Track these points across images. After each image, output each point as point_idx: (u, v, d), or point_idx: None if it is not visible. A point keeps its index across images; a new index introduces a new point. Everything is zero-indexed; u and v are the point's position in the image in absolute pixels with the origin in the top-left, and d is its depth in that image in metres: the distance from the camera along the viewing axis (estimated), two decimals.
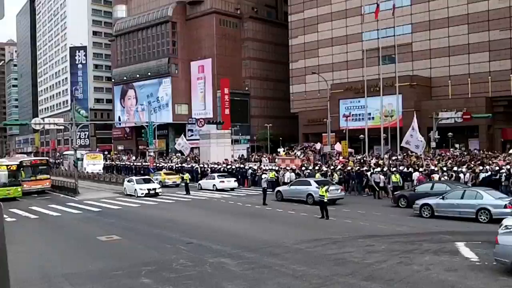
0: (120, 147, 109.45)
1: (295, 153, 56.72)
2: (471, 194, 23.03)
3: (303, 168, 41.74)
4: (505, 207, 21.50)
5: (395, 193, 29.88)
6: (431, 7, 72.86)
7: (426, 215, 23.69)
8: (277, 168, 44.01)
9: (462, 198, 23.09)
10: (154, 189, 37.24)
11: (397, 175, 32.10)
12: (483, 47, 68.87)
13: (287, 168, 42.47)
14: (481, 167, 33.58)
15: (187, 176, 41.70)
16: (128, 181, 40.10)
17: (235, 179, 43.00)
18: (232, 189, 41.00)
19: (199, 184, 43.52)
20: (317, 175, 36.58)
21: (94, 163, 65.68)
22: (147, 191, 36.68)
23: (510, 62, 67.23)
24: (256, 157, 61.97)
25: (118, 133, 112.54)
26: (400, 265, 14.19)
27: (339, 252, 16.14)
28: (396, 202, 28.44)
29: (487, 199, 22.20)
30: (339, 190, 30.99)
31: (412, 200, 25.77)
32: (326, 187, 24.67)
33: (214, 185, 41.12)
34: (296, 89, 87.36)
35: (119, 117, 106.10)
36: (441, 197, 23.75)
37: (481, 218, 22.05)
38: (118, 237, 20.47)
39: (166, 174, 48.73)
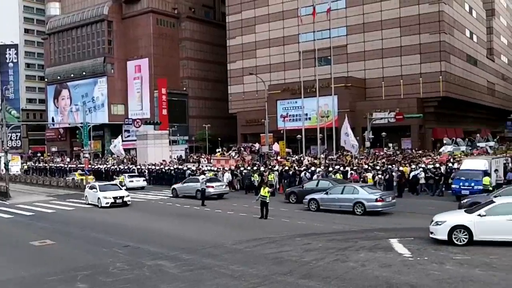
0: (53, 149, 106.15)
1: (230, 153, 56.82)
2: (349, 189, 25.52)
3: (242, 168, 41.87)
4: (376, 200, 24.18)
5: (287, 189, 32.30)
6: (365, 10, 74.73)
7: (313, 208, 26.06)
8: (215, 169, 43.97)
9: (342, 193, 25.52)
10: (122, 197, 30.91)
11: (340, 175, 32.66)
12: (414, 49, 71.29)
13: (226, 168, 42.52)
14: (413, 166, 34.88)
15: (122, 178, 41.28)
16: (90, 187, 33.90)
17: (144, 178, 45.94)
18: (142, 188, 42.96)
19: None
20: (255, 175, 36.80)
21: (12, 165, 63.66)
22: (112, 200, 30.44)
23: (440, 64, 69.95)
24: (195, 158, 61.69)
25: (52, 134, 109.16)
26: (336, 263, 14.49)
27: (277, 251, 16.31)
28: (287, 198, 30.79)
29: (362, 194, 24.73)
30: (224, 186, 35.41)
31: (301, 196, 28.08)
32: (267, 188, 24.88)
33: (124, 184, 41.99)
34: (234, 90, 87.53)
35: (53, 118, 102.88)
36: (325, 192, 26.34)
37: (357, 211, 24.50)
38: (52, 241, 19.88)
39: (81, 174, 48.63)
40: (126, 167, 54.24)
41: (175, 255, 16.40)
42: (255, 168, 41.34)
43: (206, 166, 48.49)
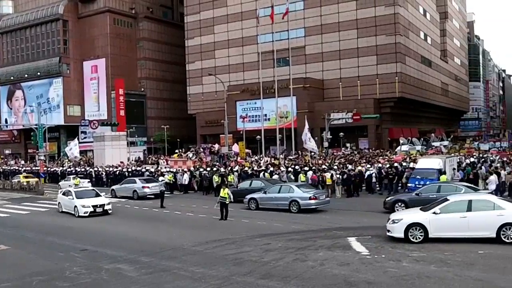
0: (7, 151, 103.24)
1: (187, 154, 56.55)
2: (286, 189, 26.80)
3: (201, 170, 41.69)
4: (310, 198, 25.53)
5: None
6: (323, 12, 75.58)
7: (253, 207, 27.10)
8: (175, 170, 43.67)
9: (279, 192, 26.78)
10: (102, 205, 27.32)
11: (304, 175, 32.83)
12: (371, 51, 72.51)
13: (185, 170, 42.29)
14: (368, 165, 35.46)
15: (78, 180, 40.55)
16: (64, 193, 29.66)
17: (88, 180, 45.82)
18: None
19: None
20: (214, 176, 36.72)
21: None
22: (92, 209, 26.85)
23: (395, 66, 71.37)
24: (153, 159, 61.14)
25: (5, 136, 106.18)
26: (296, 262, 14.62)
27: (237, 252, 16.34)
28: None
29: (297, 193, 25.93)
30: (160, 186, 34.65)
31: (236, 195, 27.86)
32: (227, 189, 24.88)
33: (70, 185, 42.12)
34: (193, 90, 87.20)
35: (6, 119, 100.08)
36: (263, 192, 27.52)
37: (293, 209, 25.62)
38: (6, 246, 19.36)
39: (26, 177, 48.17)
40: (82, 169, 53.30)
41: (134, 258, 16.24)
42: (214, 169, 41.24)
43: (165, 167, 48.11)
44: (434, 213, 16.53)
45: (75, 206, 27.32)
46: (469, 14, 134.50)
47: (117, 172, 47.78)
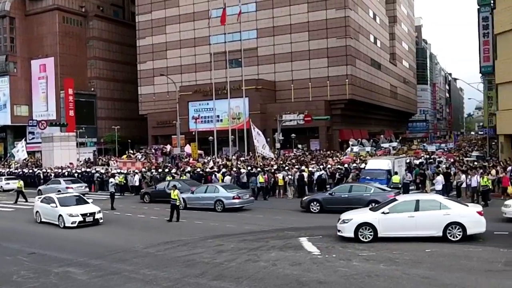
0: None
1: (136, 156, 55.89)
2: (211, 189, 27.96)
3: (153, 171, 41.27)
4: (233, 198, 26.71)
5: (141, 190, 35.24)
6: (274, 14, 76.09)
7: (181, 207, 26.28)
8: (125, 171, 43.07)
9: (205, 192, 27.94)
10: (93, 214, 23.57)
11: (263, 176, 32.83)
12: (322, 53, 73.48)
13: (136, 171, 41.78)
14: (321, 166, 35.92)
15: (20, 183, 39.08)
16: (44, 200, 25.32)
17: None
18: None
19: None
20: (168, 177, 36.41)
21: None
22: (81, 219, 23.03)
23: (346, 68, 72.55)
24: (104, 160, 60.13)
25: None
26: (248, 263, 14.68)
27: (189, 254, 16.27)
28: (142, 198, 33.45)
29: (221, 192, 27.14)
30: (84, 187, 37.26)
31: (154, 196, 30.79)
32: (176, 190, 24.70)
33: (1, 186, 44.29)
34: (144, 91, 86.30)
35: None
36: (191, 192, 28.60)
37: (218, 208, 26.78)
38: None
39: None
40: (30, 171, 51.88)
41: (83, 261, 15.93)
42: (166, 170, 40.89)
43: (116, 169, 47.38)
44: (383, 213, 16.92)
45: (60, 216, 23.26)
46: (417, 19, 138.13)
47: (66, 174, 46.69)
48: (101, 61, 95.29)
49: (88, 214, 23.32)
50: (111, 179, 36.02)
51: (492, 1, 45.21)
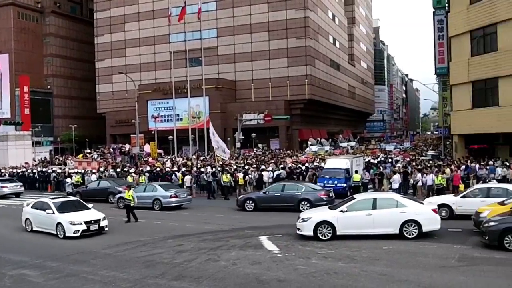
0: None
1: (92, 155, 55.02)
2: (150, 188, 28.48)
3: (111, 170, 40.73)
4: (171, 197, 27.28)
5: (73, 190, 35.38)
6: (235, 13, 76.11)
7: (121, 206, 27.45)
8: (83, 171, 42.34)
9: (144, 191, 28.13)
10: (97, 221, 20.45)
11: (228, 175, 32.72)
12: (282, 53, 73.92)
13: (94, 171, 41.15)
14: (281, 166, 36.15)
15: None
16: (36, 206, 21.89)
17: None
18: None
19: None
20: (129, 177, 35.93)
21: None
22: (85, 227, 19.90)
23: (305, 68, 73.17)
24: (61, 160, 58.94)
25: None
26: (208, 262, 14.69)
27: (148, 254, 16.15)
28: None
29: (159, 191, 27.69)
30: (19, 186, 37.55)
31: (85, 195, 30.79)
32: (131, 191, 24.44)
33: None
34: (102, 89, 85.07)
35: None
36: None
37: (155, 207, 27.27)
38: None
39: None
40: None
41: (39, 263, 15.62)
42: (125, 169, 40.41)
43: (72, 168, 46.51)
44: (341, 211, 17.17)
45: (59, 224, 20.11)
46: (375, 20, 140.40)
47: (20, 174, 45.60)
48: (58, 58, 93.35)
49: (92, 222, 20.23)
50: (68, 179, 35.48)
51: (447, 5, 46.32)
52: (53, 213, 20.48)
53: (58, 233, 20.09)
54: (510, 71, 31.77)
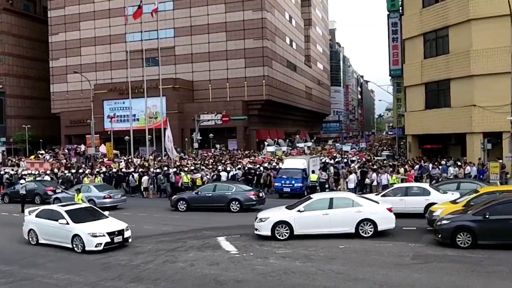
0: None
1: (44, 156, 53.90)
2: (85, 189, 28.34)
3: (65, 171, 39.97)
4: (104, 197, 27.98)
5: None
6: (192, 13, 75.84)
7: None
8: (36, 172, 41.42)
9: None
10: (121, 231, 17.50)
11: (188, 176, 32.49)
12: (240, 54, 74.06)
13: (48, 172, 40.33)
14: (238, 166, 36.24)
15: None
16: (44, 215, 18.66)
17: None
18: None
19: None
20: (86, 179, 35.29)
21: None
22: (108, 239, 16.91)
23: (263, 69, 73.51)
24: (14, 161, 57.45)
25: None
26: (166, 264, 14.63)
27: (105, 257, 15.95)
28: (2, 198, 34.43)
29: (93, 192, 28.30)
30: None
31: (12, 197, 32.42)
32: (81, 194, 24.05)
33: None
34: (57, 89, 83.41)
35: None
36: (65, 192, 29.38)
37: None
38: None
39: None
40: None
41: None
42: (80, 171, 39.71)
43: (25, 169, 45.41)
44: (298, 211, 17.36)
45: (76, 236, 17.01)
46: (331, 22, 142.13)
47: None
48: (10, 57, 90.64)
49: (116, 233, 17.31)
50: (21, 181, 34.61)
51: (401, 8, 47.34)
52: (67, 223, 17.39)
53: (75, 246, 17.04)
54: (461, 73, 32.79)
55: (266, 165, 37.31)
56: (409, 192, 21.84)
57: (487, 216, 14.77)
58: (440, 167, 30.79)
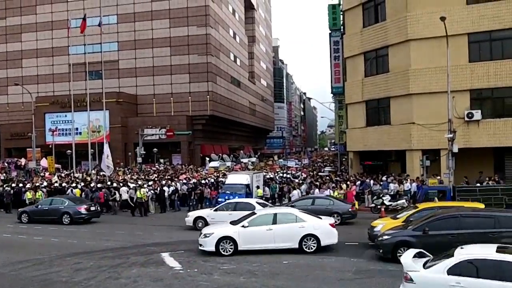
0: None
1: None
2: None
3: (5, 186, 38.63)
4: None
5: None
6: (136, 27, 75.46)
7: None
8: None
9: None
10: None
11: (142, 191, 31.99)
12: (184, 69, 74.10)
13: None
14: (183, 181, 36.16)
15: None
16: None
17: None
18: None
19: None
20: (27, 193, 34.20)
21: None
22: None
23: (207, 85, 73.79)
24: None
25: None
26: (108, 280, 14.49)
27: (45, 273, 15.64)
28: None
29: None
30: None
31: None
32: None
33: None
34: None
35: None
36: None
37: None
38: None
39: None
40: None
41: None
42: (20, 185, 38.52)
43: None
44: (243, 226, 17.55)
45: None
46: (274, 40, 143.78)
47: None
48: None
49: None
50: None
51: (342, 27, 48.61)
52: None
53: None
54: (400, 91, 33.83)
55: (203, 181, 37.27)
56: (237, 207, 23.26)
57: (427, 231, 15.20)
58: (382, 183, 31.68)
